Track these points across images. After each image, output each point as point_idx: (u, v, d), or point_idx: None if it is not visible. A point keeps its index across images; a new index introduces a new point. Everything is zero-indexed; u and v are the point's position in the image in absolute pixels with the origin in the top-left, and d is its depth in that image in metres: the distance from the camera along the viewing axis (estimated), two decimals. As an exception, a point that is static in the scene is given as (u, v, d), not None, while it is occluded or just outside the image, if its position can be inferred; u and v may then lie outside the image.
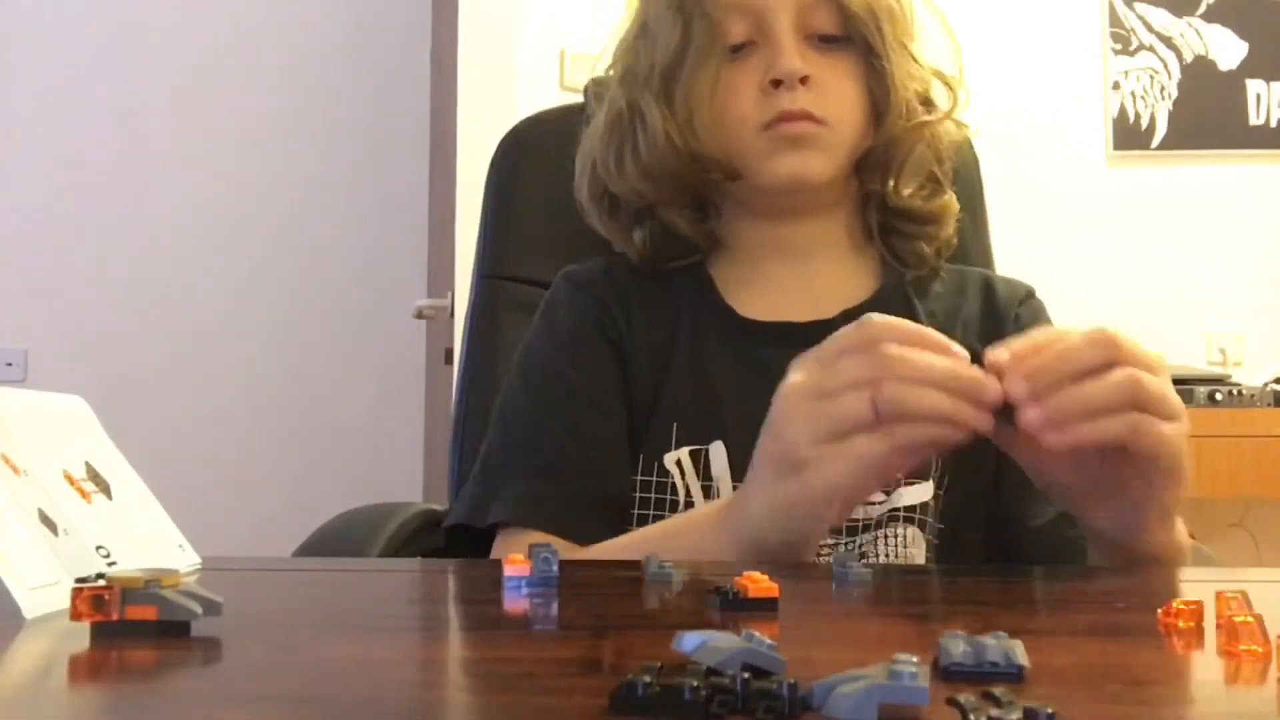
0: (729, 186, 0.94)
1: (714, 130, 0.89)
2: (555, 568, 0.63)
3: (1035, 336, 0.62)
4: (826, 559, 0.88)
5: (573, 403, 0.91)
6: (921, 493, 0.88)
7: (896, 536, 0.87)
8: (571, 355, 0.93)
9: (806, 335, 0.85)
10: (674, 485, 0.88)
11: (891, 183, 0.94)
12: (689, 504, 0.87)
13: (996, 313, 0.96)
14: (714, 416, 0.87)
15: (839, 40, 0.90)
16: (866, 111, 0.91)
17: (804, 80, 0.86)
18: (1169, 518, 0.69)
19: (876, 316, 0.62)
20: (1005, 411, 0.59)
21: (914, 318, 0.93)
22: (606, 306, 0.95)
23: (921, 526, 0.88)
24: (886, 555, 0.87)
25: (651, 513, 0.89)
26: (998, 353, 0.60)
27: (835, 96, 0.89)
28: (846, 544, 0.88)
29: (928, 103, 0.93)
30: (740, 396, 0.86)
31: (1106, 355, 0.61)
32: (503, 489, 0.89)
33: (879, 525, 0.87)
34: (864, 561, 0.81)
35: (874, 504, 0.87)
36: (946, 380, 0.59)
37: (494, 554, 0.88)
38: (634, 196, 0.95)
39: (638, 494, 0.88)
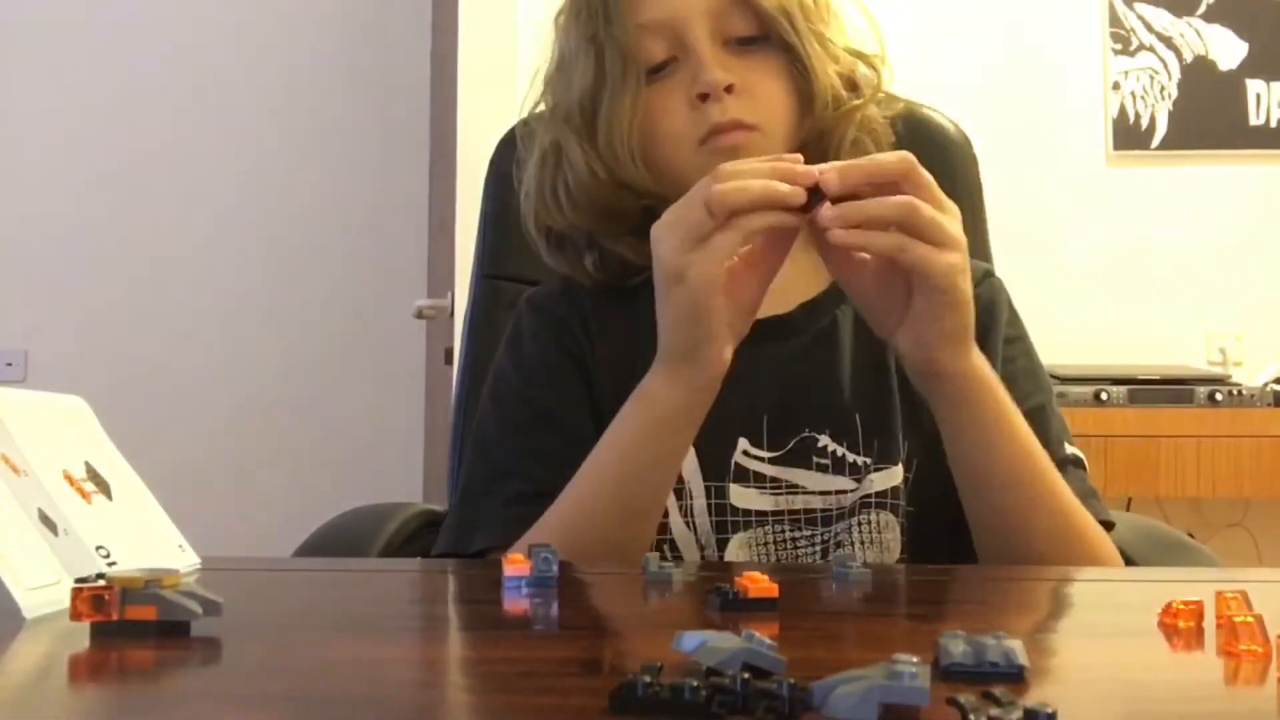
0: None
1: (645, 155, 0.89)
2: (555, 568, 0.63)
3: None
4: (806, 553, 0.88)
5: (543, 427, 0.91)
6: (891, 477, 0.89)
7: (870, 523, 0.88)
8: (539, 381, 0.94)
9: (766, 331, 0.87)
10: None
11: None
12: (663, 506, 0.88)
13: None
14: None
15: (757, 40, 0.89)
16: (794, 107, 0.90)
17: (729, 89, 0.86)
18: (956, 343, 0.75)
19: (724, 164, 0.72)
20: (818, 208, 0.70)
21: None
22: (569, 329, 0.95)
23: (894, 511, 0.89)
24: (861, 542, 0.87)
25: None
26: (826, 171, 0.70)
27: (763, 99, 0.88)
28: (823, 534, 0.88)
29: (853, 87, 0.92)
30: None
31: (901, 170, 0.70)
32: (484, 516, 0.90)
33: (852, 513, 0.88)
34: (840, 551, 0.81)
35: (846, 493, 0.87)
36: (767, 171, 0.70)
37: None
38: (569, 229, 0.96)
39: None
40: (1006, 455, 0.79)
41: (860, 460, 0.88)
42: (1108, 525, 0.87)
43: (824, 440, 0.88)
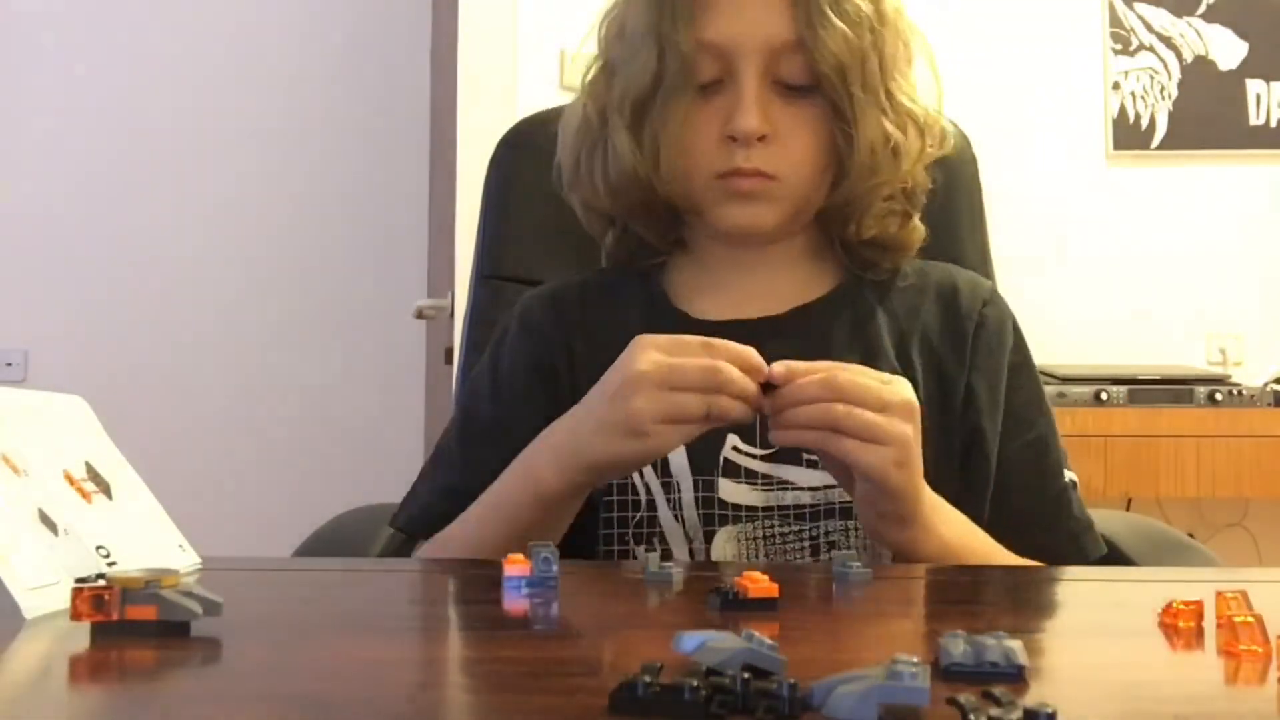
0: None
1: (675, 169, 0.91)
2: (555, 568, 0.63)
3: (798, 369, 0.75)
4: (794, 549, 0.88)
5: (496, 438, 0.91)
6: None
7: (860, 529, 0.88)
8: (505, 396, 0.96)
9: (755, 331, 0.89)
10: (634, 486, 0.90)
11: (852, 227, 0.95)
12: (650, 501, 0.89)
13: (958, 311, 0.96)
14: None
15: (807, 89, 0.89)
16: (827, 164, 0.91)
17: (762, 139, 0.87)
18: (895, 524, 0.77)
19: (719, 342, 0.75)
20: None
21: (868, 317, 0.95)
22: (548, 341, 0.97)
23: None
24: (856, 546, 0.88)
25: (615, 514, 0.90)
26: (775, 368, 0.74)
27: (793, 151, 0.89)
28: (811, 530, 0.88)
29: (896, 152, 0.91)
30: None
31: (827, 388, 0.73)
32: (415, 498, 0.96)
33: (846, 514, 0.88)
34: (840, 552, 0.81)
35: (834, 487, 0.88)
36: (745, 395, 0.74)
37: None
38: (599, 206, 0.98)
39: (600, 498, 0.89)
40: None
41: None
42: (1097, 559, 0.91)
43: None
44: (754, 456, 0.89)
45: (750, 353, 0.74)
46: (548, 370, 0.95)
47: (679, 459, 0.89)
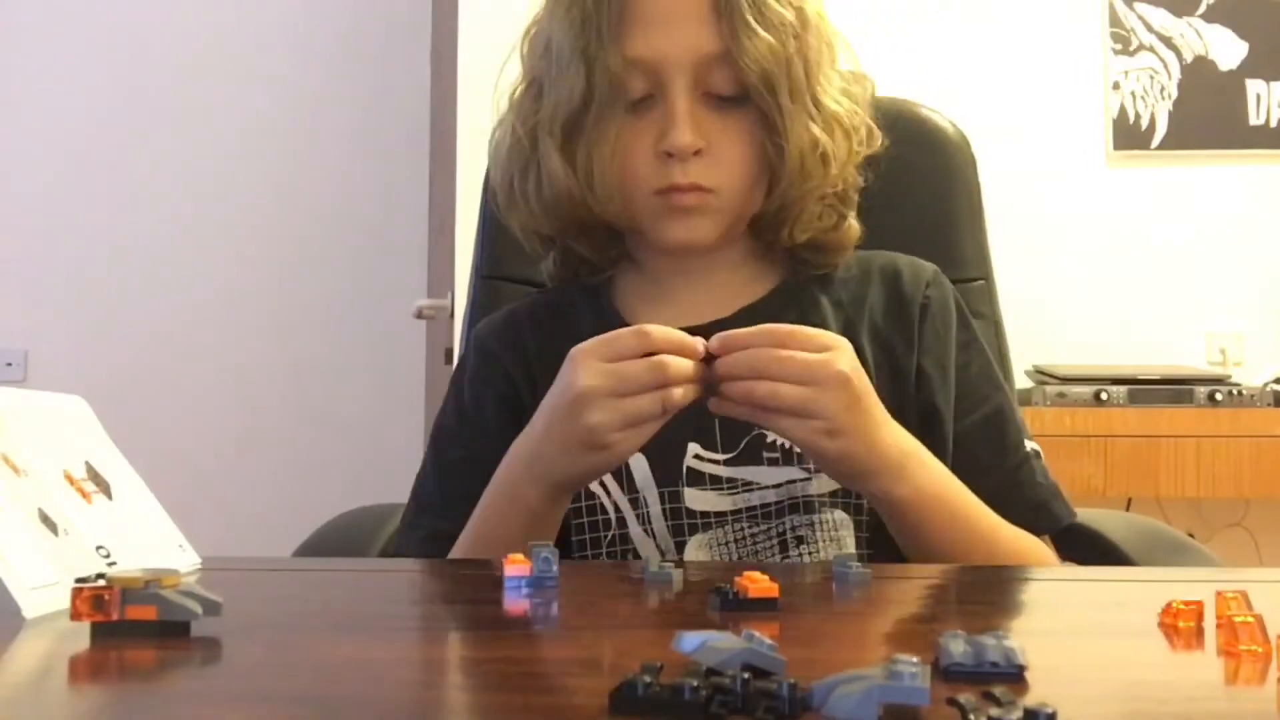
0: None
1: (612, 189, 0.90)
2: (555, 568, 0.63)
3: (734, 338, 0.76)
4: (765, 549, 0.88)
5: (470, 469, 0.91)
6: None
7: (828, 521, 0.89)
8: (470, 430, 0.97)
9: (706, 335, 0.89)
10: (602, 505, 0.90)
11: (786, 232, 0.95)
12: (620, 519, 0.90)
13: (903, 295, 0.96)
14: None
15: (735, 100, 0.89)
16: (760, 173, 0.91)
17: (697, 153, 0.87)
18: (855, 481, 0.81)
19: (652, 328, 0.75)
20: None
21: (813, 309, 0.95)
22: (505, 370, 0.97)
23: (848, 509, 0.89)
24: (822, 540, 0.88)
25: (588, 535, 0.90)
26: (711, 342, 0.76)
27: (727, 163, 0.89)
28: (778, 526, 0.88)
29: (825, 159, 0.91)
30: None
31: (752, 368, 0.74)
32: (403, 546, 0.96)
33: (810, 509, 0.88)
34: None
35: (796, 482, 0.88)
36: (692, 378, 0.75)
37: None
38: (535, 228, 0.98)
39: (571, 520, 0.90)
40: (942, 541, 0.82)
41: None
42: (1067, 527, 0.91)
43: (771, 435, 0.88)
44: (716, 462, 0.89)
45: (682, 336, 0.75)
46: (511, 398, 0.96)
47: (643, 473, 0.89)
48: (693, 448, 0.89)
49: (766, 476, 0.89)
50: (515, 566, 0.63)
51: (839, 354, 0.75)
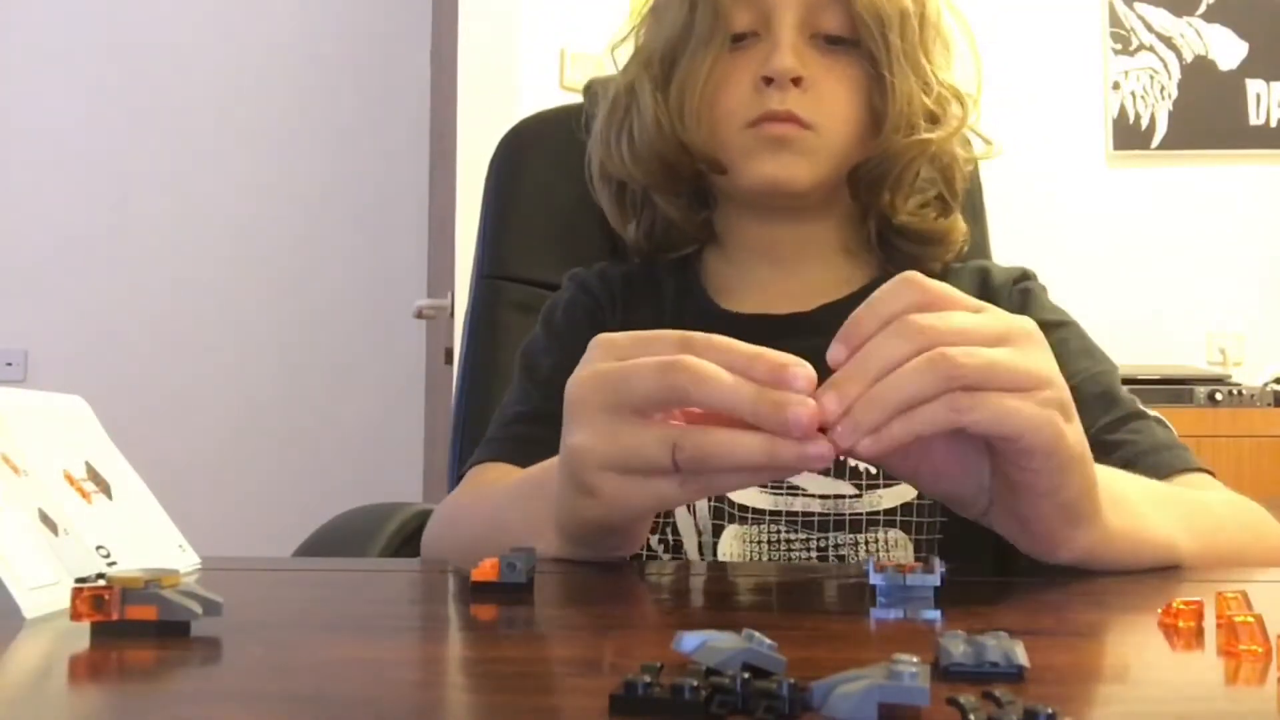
0: (719, 180, 0.93)
1: (704, 121, 0.88)
2: (525, 576, 0.62)
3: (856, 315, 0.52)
4: (800, 556, 0.88)
5: (559, 385, 0.88)
6: (903, 494, 0.84)
7: (878, 540, 0.84)
8: (564, 346, 0.93)
9: (784, 327, 0.87)
10: None
11: (888, 197, 0.91)
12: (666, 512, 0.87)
13: (994, 294, 0.93)
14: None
15: (844, 43, 0.87)
16: (863, 120, 0.88)
17: (797, 82, 0.84)
18: (1085, 517, 0.57)
19: (696, 335, 0.53)
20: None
21: None
22: (600, 305, 0.97)
23: (906, 529, 0.84)
24: (860, 561, 0.84)
25: None
26: (831, 351, 0.51)
27: (829, 101, 0.86)
28: (819, 540, 0.85)
29: (934, 119, 0.89)
30: None
31: (915, 344, 0.50)
32: (488, 442, 0.92)
33: (857, 528, 0.84)
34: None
35: (845, 498, 0.82)
36: (753, 412, 0.49)
37: (460, 487, 0.91)
38: (628, 179, 0.95)
39: None
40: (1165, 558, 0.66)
41: (863, 466, 0.83)
42: (1205, 471, 0.79)
43: None
44: None
45: (736, 345, 0.51)
46: (602, 329, 0.93)
47: None
48: None
49: (813, 485, 0.83)
50: (482, 573, 0.62)
51: (1000, 311, 0.54)
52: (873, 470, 0.81)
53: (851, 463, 0.81)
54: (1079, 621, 0.59)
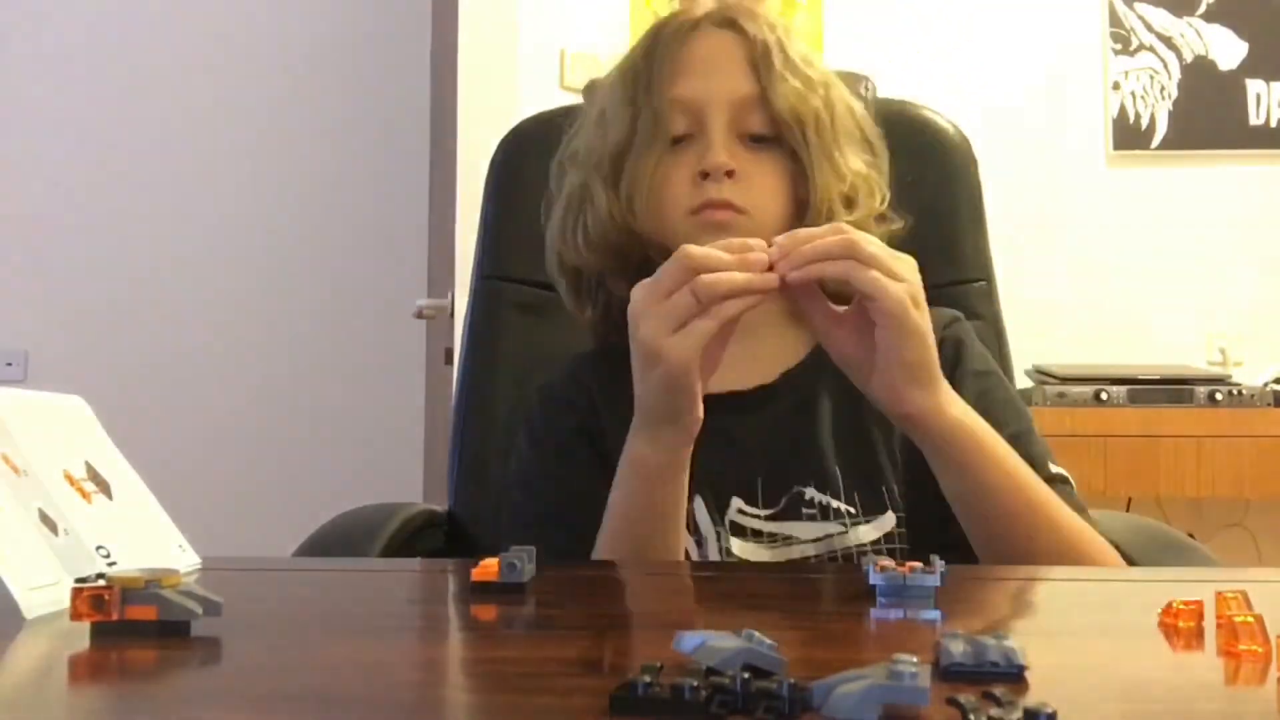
0: None
1: (651, 212, 0.96)
2: (523, 576, 0.62)
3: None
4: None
5: (569, 500, 0.95)
6: (880, 526, 0.92)
7: None
8: (557, 464, 0.99)
9: (753, 401, 0.96)
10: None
11: None
12: (686, 556, 0.93)
13: None
14: (692, 481, 0.90)
15: (768, 140, 0.96)
16: (789, 207, 0.97)
17: (730, 174, 0.93)
18: (921, 382, 0.79)
19: (690, 248, 0.77)
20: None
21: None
22: (580, 411, 1.01)
23: (891, 556, 0.88)
24: None
25: None
26: (777, 239, 0.77)
27: (758, 190, 0.95)
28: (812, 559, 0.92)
29: (850, 203, 0.97)
30: (710, 462, 0.90)
31: (843, 246, 0.76)
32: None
33: (846, 561, 0.91)
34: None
35: (833, 535, 0.91)
36: (733, 261, 0.77)
37: None
38: (584, 266, 1.02)
39: None
40: (997, 487, 0.83)
41: (845, 508, 0.93)
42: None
43: (810, 492, 0.93)
44: (758, 516, 0.93)
45: (729, 241, 0.78)
46: (586, 430, 0.99)
47: (703, 515, 0.93)
48: (736, 502, 0.93)
49: (805, 531, 0.92)
50: (484, 572, 0.62)
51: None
52: (853, 510, 0.93)
53: (835, 504, 0.93)
54: (1079, 621, 0.59)
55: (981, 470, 0.82)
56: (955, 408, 0.82)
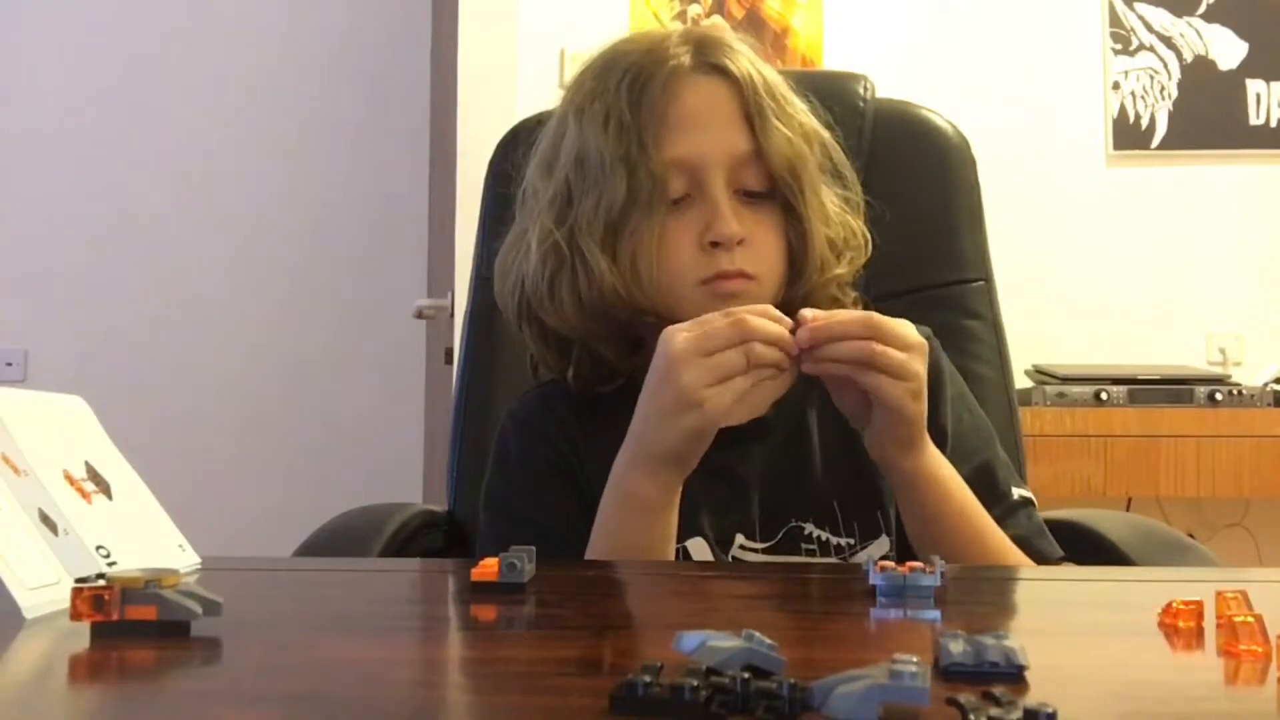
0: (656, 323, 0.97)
1: (654, 282, 0.94)
2: (523, 576, 0.62)
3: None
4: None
5: (532, 535, 0.92)
6: (877, 549, 0.93)
7: None
8: (532, 498, 0.98)
9: (751, 433, 0.94)
10: None
11: None
12: None
13: None
14: (687, 519, 0.90)
15: (763, 195, 0.95)
16: (787, 264, 0.97)
17: (740, 242, 0.93)
18: (905, 448, 0.85)
19: (739, 308, 0.82)
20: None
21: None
22: (554, 443, 0.98)
23: None
24: None
25: None
26: (804, 313, 0.82)
27: (763, 252, 0.95)
28: None
29: (835, 249, 0.98)
30: (707, 499, 0.91)
31: (864, 329, 0.81)
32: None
33: None
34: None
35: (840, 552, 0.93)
36: (777, 340, 0.82)
37: None
38: (568, 331, 0.98)
39: None
40: (955, 530, 0.87)
41: (844, 542, 0.93)
42: (1057, 561, 0.93)
43: (809, 528, 0.94)
44: (757, 550, 0.93)
45: (769, 309, 0.82)
46: (560, 464, 0.98)
47: (702, 552, 0.93)
48: (739, 538, 0.94)
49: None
50: (483, 572, 0.62)
51: (912, 327, 0.83)
52: (851, 541, 0.94)
53: (834, 541, 0.94)
54: (1079, 621, 0.59)
55: (946, 517, 0.87)
56: (933, 464, 0.87)
